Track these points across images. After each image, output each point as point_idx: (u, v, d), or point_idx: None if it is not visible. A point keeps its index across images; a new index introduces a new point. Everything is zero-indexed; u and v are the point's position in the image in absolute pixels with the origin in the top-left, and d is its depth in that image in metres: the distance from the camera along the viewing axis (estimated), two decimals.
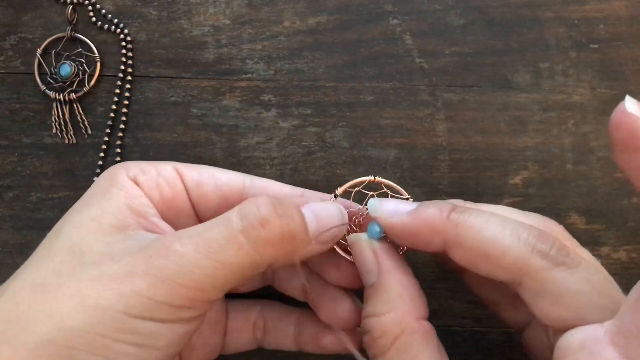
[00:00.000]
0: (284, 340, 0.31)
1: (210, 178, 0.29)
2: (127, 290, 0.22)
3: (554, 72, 0.35)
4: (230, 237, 0.23)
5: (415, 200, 0.29)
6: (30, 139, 0.35)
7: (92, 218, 0.25)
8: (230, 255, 0.23)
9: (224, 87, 0.35)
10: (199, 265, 0.23)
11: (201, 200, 0.29)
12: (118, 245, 0.24)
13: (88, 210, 0.26)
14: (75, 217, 0.26)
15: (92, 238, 0.25)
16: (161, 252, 0.23)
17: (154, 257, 0.23)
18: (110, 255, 0.24)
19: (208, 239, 0.23)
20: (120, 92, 0.35)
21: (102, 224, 0.25)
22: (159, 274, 0.22)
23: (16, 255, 0.34)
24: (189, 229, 0.24)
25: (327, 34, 0.35)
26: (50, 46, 0.35)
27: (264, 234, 0.23)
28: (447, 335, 0.34)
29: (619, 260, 0.34)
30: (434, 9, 0.35)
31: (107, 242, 0.24)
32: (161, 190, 0.28)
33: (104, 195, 0.26)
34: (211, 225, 0.24)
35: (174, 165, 0.29)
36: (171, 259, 0.23)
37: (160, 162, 0.29)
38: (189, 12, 0.36)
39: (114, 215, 0.25)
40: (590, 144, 0.35)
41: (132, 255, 0.23)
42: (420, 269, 0.34)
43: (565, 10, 0.35)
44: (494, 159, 0.35)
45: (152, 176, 0.28)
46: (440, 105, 0.35)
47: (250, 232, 0.23)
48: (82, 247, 0.24)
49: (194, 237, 0.23)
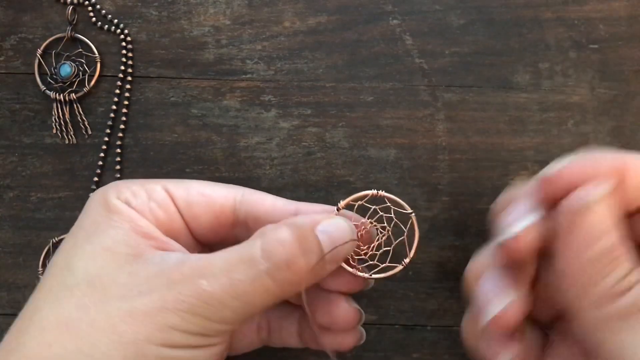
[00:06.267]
0: (289, 339, 0.31)
1: (201, 197, 0.28)
2: (162, 326, 0.23)
3: (554, 72, 0.35)
4: (257, 279, 0.24)
5: (415, 209, 0.28)
6: (30, 139, 0.35)
7: (105, 248, 0.25)
8: (257, 297, 0.24)
9: (224, 88, 0.35)
10: (228, 306, 0.24)
11: (194, 221, 0.28)
12: (140, 274, 0.24)
13: (96, 240, 0.25)
14: (86, 249, 0.25)
15: (111, 269, 0.24)
16: (190, 289, 0.23)
17: (184, 295, 0.23)
18: (136, 286, 0.24)
19: (234, 281, 0.24)
20: (120, 93, 0.35)
21: (117, 254, 0.25)
22: (191, 311, 0.23)
23: (16, 255, 0.34)
24: (210, 261, 0.24)
25: (327, 34, 0.35)
26: (51, 46, 0.35)
27: (290, 275, 0.24)
28: (447, 335, 0.34)
29: None
30: (434, 9, 0.35)
31: (128, 272, 0.24)
32: (155, 215, 0.27)
33: (108, 223, 0.26)
34: (236, 263, 0.24)
35: (162, 185, 0.28)
36: (201, 299, 0.23)
37: (148, 181, 0.28)
38: (189, 12, 0.36)
39: (126, 242, 0.25)
40: (590, 144, 0.35)
41: (160, 291, 0.23)
42: (421, 269, 0.34)
43: (564, 10, 0.35)
44: (493, 159, 0.35)
45: (144, 200, 0.27)
46: (440, 105, 0.35)
47: (276, 274, 0.24)
48: (103, 280, 0.24)
49: (221, 278, 0.24)
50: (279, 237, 0.24)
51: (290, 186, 0.34)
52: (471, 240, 0.34)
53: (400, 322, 0.34)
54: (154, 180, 0.28)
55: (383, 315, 0.34)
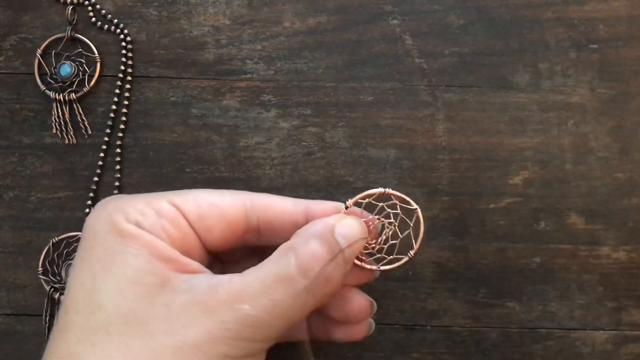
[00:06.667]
0: (297, 334, 0.31)
1: (212, 208, 0.27)
2: (211, 356, 0.23)
3: (554, 72, 0.35)
4: (297, 297, 0.24)
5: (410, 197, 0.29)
6: (30, 139, 0.35)
7: (131, 280, 0.24)
8: (297, 313, 0.25)
9: (224, 88, 0.35)
10: (272, 326, 0.24)
11: (207, 234, 0.27)
12: (175, 304, 0.24)
13: (118, 271, 0.24)
14: (110, 283, 0.24)
15: (143, 303, 0.24)
16: (232, 316, 0.24)
17: (228, 322, 0.23)
18: (176, 319, 0.23)
19: (276, 302, 0.24)
20: (120, 93, 0.35)
21: (144, 285, 0.24)
22: (237, 337, 0.24)
23: (16, 255, 0.34)
24: (245, 283, 0.24)
25: (327, 35, 0.35)
26: (50, 46, 0.35)
27: (328, 289, 0.25)
28: (447, 335, 0.34)
29: (619, 260, 0.34)
30: (434, 10, 0.35)
31: (162, 304, 0.24)
32: (168, 234, 0.26)
33: (125, 251, 0.25)
34: (273, 283, 0.24)
35: (168, 200, 0.27)
36: (246, 324, 0.24)
37: (151, 197, 0.27)
38: (189, 12, 0.36)
39: (150, 271, 0.24)
40: (589, 144, 0.35)
41: (202, 321, 0.23)
42: (420, 269, 0.34)
43: (564, 10, 0.35)
44: (493, 159, 0.35)
45: (154, 219, 0.26)
46: (440, 105, 0.35)
47: (315, 290, 0.25)
48: (139, 315, 0.23)
49: (261, 300, 0.24)
50: (313, 252, 0.25)
51: (290, 186, 0.35)
52: (471, 240, 0.34)
53: (400, 322, 0.34)
54: (156, 195, 0.27)
55: (383, 315, 0.34)
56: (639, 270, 0.34)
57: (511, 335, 0.34)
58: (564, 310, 0.34)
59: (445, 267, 0.34)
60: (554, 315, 0.34)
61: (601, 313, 0.34)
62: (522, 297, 0.34)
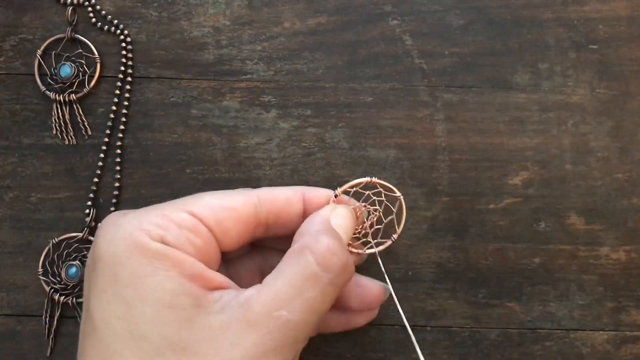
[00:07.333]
0: None
1: (227, 211, 0.27)
2: None
3: (554, 72, 0.35)
4: (324, 291, 0.25)
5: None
6: (30, 140, 0.35)
7: (169, 306, 0.24)
8: (325, 305, 0.26)
9: (224, 88, 0.35)
10: (309, 324, 0.25)
11: (225, 238, 0.27)
12: (215, 325, 0.24)
13: (152, 296, 0.24)
14: (147, 311, 0.24)
15: (186, 327, 0.24)
16: (275, 325, 0.24)
17: (272, 332, 0.24)
18: (222, 339, 0.23)
19: (308, 300, 0.25)
20: (120, 93, 0.35)
21: (183, 310, 0.24)
22: (284, 343, 0.24)
23: (16, 255, 0.34)
24: (277, 291, 0.25)
25: (327, 35, 0.35)
26: (50, 47, 0.35)
27: (347, 276, 0.27)
28: (446, 335, 0.34)
29: (619, 260, 0.34)
30: (434, 10, 0.36)
31: (203, 326, 0.24)
32: (194, 246, 0.26)
33: (155, 273, 0.24)
34: (302, 284, 0.25)
35: (185, 209, 0.26)
36: (289, 328, 0.24)
37: (167, 210, 0.26)
38: (188, 13, 0.36)
39: (184, 292, 0.24)
40: (589, 145, 0.35)
41: (249, 337, 0.24)
42: (420, 269, 0.34)
43: (564, 10, 0.35)
44: (493, 159, 0.35)
45: (177, 233, 0.25)
46: (439, 105, 0.35)
47: (337, 281, 0.26)
48: (184, 341, 0.23)
49: (295, 301, 0.25)
50: (327, 247, 0.26)
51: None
52: (471, 240, 0.34)
53: (400, 323, 0.34)
54: (169, 206, 0.26)
55: (383, 315, 0.34)
56: (638, 270, 0.34)
57: (511, 336, 0.34)
58: (564, 310, 0.34)
59: (444, 267, 0.34)
60: (553, 315, 0.34)
61: (601, 313, 0.34)
62: (522, 298, 0.34)
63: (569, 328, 0.34)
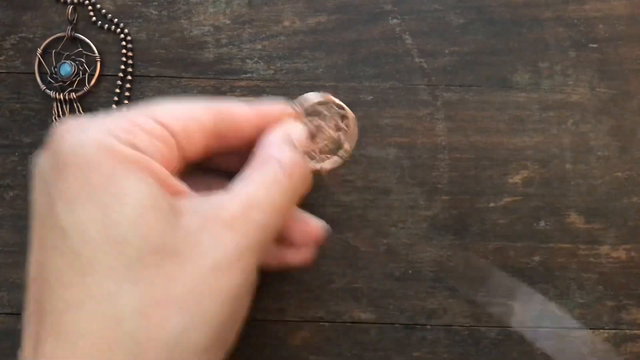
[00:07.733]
0: None
1: (192, 121, 0.26)
2: (246, 266, 0.24)
3: (554, 71, 0.35)
4: (288, 197, 0.27)
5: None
6: (30, 139, 0.35)
7: (149, 207, 0.23)
8: (289, 211, 0.28)
9: (224, 87, 0.35)
10: (276, 226, 0.26)
11: (190, 147, 0.27)
12: (193, 226, 0.24)
13: (132, 200, 0.23)
14: (127, 213, 0.22)
15: (168, 229, 0.23)
16: (251, 226, 0.25)
17: (248, 232, 0.25)
18: (201, 240, 0.23)
19: (275, 205, 0.26)
20: (120, 92, 0.35)
21: (162, 211, 0.23)
22: (260, 244, 0.25)
23: (16, 254, 0.34)
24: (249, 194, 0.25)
25: (327, 34, 0.35)
26: (51, 46, 0.35)
27: (305, 187, 0.28)
28: (447, 334, 0.34)
29: (619, 259, 0.34)
30: (434, 9, 0.36)
31: (182, 228, 0.23)
32: (161, 153, 0.25)
33: (129, 177, 0.23)
34: (271, 187, 0.26)
35: (154, 117, 0.25)
36: (262, 229, 0.25)
37: (133, 116, 0.25)
38: (189, 11, 0.36)
39: (162, 196, 0.23)
40: (589, 143, 0.35)
41: (228, 239, 0.24)
42: (420, 268, 0.34)
43: (564, 9, 0.35)
44: (493, 158, 0.35)
45: (146, 139, 0.24)
46: (439, 104, 0.35)
47: (299, 189, 0.28)
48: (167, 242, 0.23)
49: (267, 205, 0.26)
50: (292, 158, 0.27)
51: None
52: (471, 239, 0.34)
53: (400, 321, 0.34)
54: (134, 113, 0.25)
55: (383, 314, 0.34)
56: (639, 269, 0.34)
57: (511, 335, 0.34)
58: (564, 309, 0.34)
59: (445, 266, 0.34)
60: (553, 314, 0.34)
61: (601, 312, 0.34)
62: (522, 296, 0.34)
63: (569, 327, 0.34)
